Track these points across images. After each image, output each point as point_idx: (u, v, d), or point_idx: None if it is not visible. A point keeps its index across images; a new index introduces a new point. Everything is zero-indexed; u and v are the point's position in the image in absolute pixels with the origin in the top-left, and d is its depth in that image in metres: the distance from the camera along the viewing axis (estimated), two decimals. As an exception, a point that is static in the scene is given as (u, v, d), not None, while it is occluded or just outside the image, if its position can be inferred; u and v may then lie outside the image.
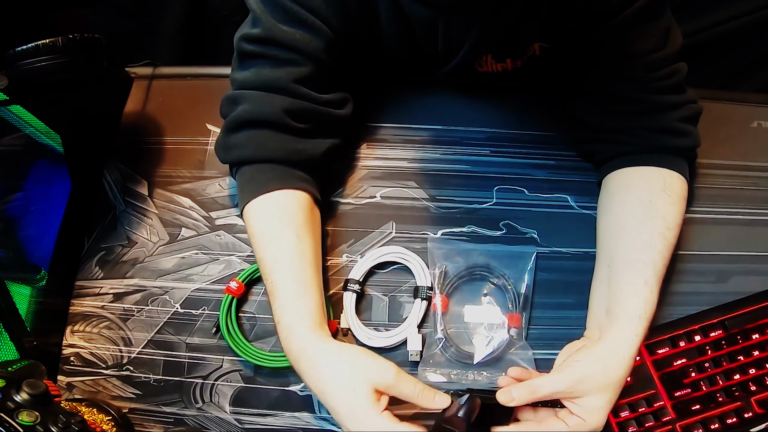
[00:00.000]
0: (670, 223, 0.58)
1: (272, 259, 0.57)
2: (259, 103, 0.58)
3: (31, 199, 0.67)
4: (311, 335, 0.53)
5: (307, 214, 0.60)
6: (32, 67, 0.52)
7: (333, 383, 0.51)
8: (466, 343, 0.62)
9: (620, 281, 0.57)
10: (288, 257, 0.57)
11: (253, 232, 0.59)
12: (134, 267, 0.66)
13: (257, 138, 0.59)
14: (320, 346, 0.53)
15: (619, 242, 0.59)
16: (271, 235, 0.58)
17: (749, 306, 0.62)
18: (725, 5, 0.91)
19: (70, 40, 0.53)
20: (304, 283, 0.56)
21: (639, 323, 0.54)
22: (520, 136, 0.71)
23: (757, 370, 0.59)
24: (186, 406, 0.61)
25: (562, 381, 0.52)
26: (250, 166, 0.60)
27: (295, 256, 0.57)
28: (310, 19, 0.57)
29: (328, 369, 0.51)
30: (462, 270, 0.64)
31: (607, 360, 0.53)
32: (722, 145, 0.72)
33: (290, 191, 0.59)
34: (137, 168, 0.71)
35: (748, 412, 0.58)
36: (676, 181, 0.60)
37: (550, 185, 0.69)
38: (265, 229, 0.58)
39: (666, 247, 0.58)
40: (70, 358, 0.63)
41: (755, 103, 0.75)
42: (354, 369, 0.51)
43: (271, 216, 0.59)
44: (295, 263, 0.57)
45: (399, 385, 0.51)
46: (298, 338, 0.53)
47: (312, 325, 0.54)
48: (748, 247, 0.67)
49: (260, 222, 0.59)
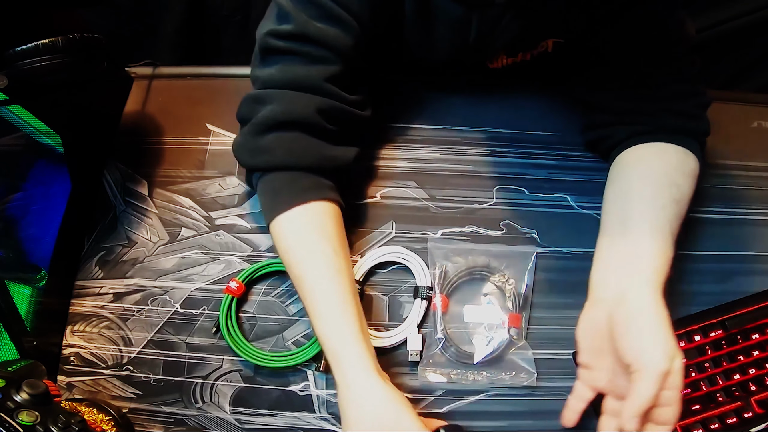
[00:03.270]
0: (684, 195, 0.59)
1: (312, 278, 0.55)
2: (290, 103, 0.55)
3: (31, 199, 0.67)
4: (359, 369, 0.52)
5: (340, 226, 0.59)
6: (32, 67, 0.52)
7: (367, 428, 0.50)
8: (466, 343, 0.62)
9: (638, 235, 0.56)
10: (328, 275, 0.55)
11: (287, 246, 0.57)
12: (134, 267, 0.66)
13: (288, 142, 0.56)
14: (367, 386, 0.51)
15: (633, 203, 0.58)
16: (308, 251, 0.56)
17: (749, 306, 0.62)
18: (725, 5, 0.91)
19: (70, 40, 0.53)
20: (345, 303, 0.54)
21: (662, 273, 0.54)
22: (520, 136, 0.71)
23: (757, 370, 0.59)
24: (186, 406, 0.61)
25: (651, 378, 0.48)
26: (280, 173, 0.57)
27: (334, 273, 0.55)
28: (342, 16, 0.55)
29: (368, 416, 0.50)
30: (462, 270, 0.64)
31: (652, 318, 0.51)
32: (722, 145, 0.72)
33: (324, 203, 0.58)
34: (137, 168, 0.71)
35: (748, 412, 0.58)
36: (690, 160, 0.61)
37: (550, 185, 0.69)
38: (303, 244, 0.56)
39: (678, 214, 0.58)
40: (70, 358, 0.63)
41: (755, 103, 0.75)
42: (395, 424, 0.50)
43: (307, 230, 0.56)
44: (335, 281, 0.55)
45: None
46: (344, 368, 0.52)
47: (358, 353, 0.52)
48: (748, 247, 0.67)
49: (297, 236, 0.56)
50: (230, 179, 0.70)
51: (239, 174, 0.70)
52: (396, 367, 0.62)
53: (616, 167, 0.64)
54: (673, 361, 0.49)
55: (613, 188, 0.62)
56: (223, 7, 0.97)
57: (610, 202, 0.61)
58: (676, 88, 0.61)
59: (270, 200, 0.58)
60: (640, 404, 0.48)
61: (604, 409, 0.53)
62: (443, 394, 0.61)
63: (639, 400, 0.48)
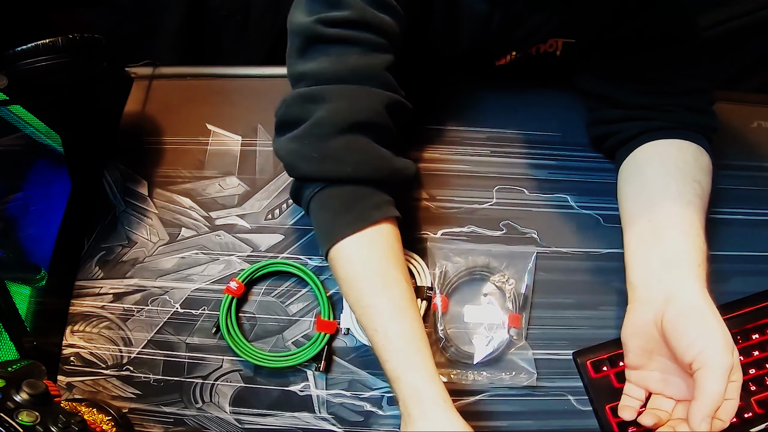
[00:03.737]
0: (705, 191, 0.59)
1: (388, 311, 0.50)
2: (355, 99, 0.50)
3: (31, 199, 0.67)
4: (445, 408, 0.49)
5: (401, 248, 0.54)
6: (32, 67, 0.52)
7: None
8: (466, 343, 0.62)
9: (672, 234, 0.54)
10: (404, 306, 0.51)
11: (356, 273, 0.51)
12: (134, 267, 0.66)
13: (360, 149, 0.50)
14: (450, 424, 0.48)
15: (659, 201, 0.57)
16: (383, 280, 0.51)
17: (749, 306, 0.62)
18: (725, 5, 0.91)
19: (70, 40, 0.53)
20: (423, 338, 0.51)
21: (704, 269, 0.53)
22: (520, 136, 0.71)
23: (757, 370, 0.59)
24: (186, 406, 0.61)
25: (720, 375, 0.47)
26: (347, 186, 0.51)
27: (409, 305, 0.51)
28: (391, 3, 0.52)
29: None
30: (462, 270, 0.64)
31: (707, 313, 0.50)
32: (722, 145, 0.71)
33: (392, 223, 0.53)
34: (137, 168, 0.71)
35: (748, 412, 0.58)
36: (704, 156, 0.61)
37: (550, 185, 0.69)
38: (378, 272, 0.51)
39: (703, 209, 0.57)
40: (70, 358, 0.63)
41: (755, 103, 0.75)
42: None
43: (380, 256, 0.51)
44: (410, 313, 0.51)
45: None
46: (427, 405, 0.49)
47: (441, 391, 0.49)
48: (748, 247, 0.67)
49: (370, 263, 0.51)
50: (230, 179, 0.70)
51: (239, 173, 0.70)
52: (396, 367, 0.62)
53: (630, 164, 0.63)
54: (733, 354, 0.48)
55: (633, 186, 0.61)
56: (223, 7, 0.97)
57: (630, 200, 0.60)
58: (690, 84, 0.62)
59: (334, 218, 0.51)
60: (713, 402, 0.46)
61: (650, 407, 0.52)
62: (443, 394, 0.61)
63: (711, 399, 0.46)
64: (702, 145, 0.61)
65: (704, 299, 0.51)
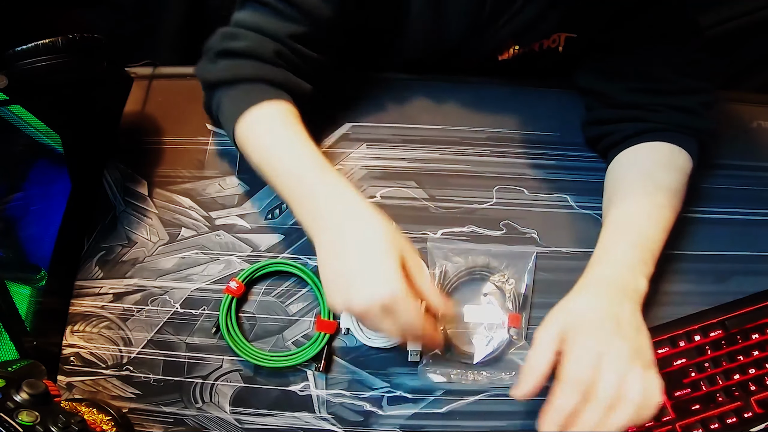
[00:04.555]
0: (670, 196, 0.60)
1: (293, 155, 0.57)
2: (255, 42, 0.60)
3: (31, 199, 0.67)
4: (355, 195, 0.54)
5: (301, 123, 0.61)
6: (32, 67, 0.52)
7: (376, 234, 0.52)
8: (466, 343, 0.62)
9: (605, 241, 0.59)
10: (309, 147, 0.57)
11: (259, 135, 0.59)
12: (134, 267, 0.66)
13: (258, 63, 0.61)
14: (364, 204, 0.54)
15: (614, 209, 0.61)
16: (284, 135, 0.58)
17: (749, 306, 0.62)
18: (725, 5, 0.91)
19: (70, 40, 0.53)
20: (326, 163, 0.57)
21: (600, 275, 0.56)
22: (520, 136, 0.71)
23: (756, 370, 0.59)
24: (186, 406, 0.61)
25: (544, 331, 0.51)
26: (245, 84, 0.61)
27: (314, 148, 0.58)
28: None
29: (372, 223, 0.52)
30: (462, 270, 0.64)
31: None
32: (722, 145, 0.72)
33: (286, 102, 0.61)
34: (137, 168, 0.71)
35: (747, 412, 0.58)
36: (682, 157, 0.62)
37: (549, 185, 0.69)
38: (275, 131, 0.59)
39: (664, 217, 0.59)
40: (70, 358, 0.63)
41: (755, 103, 0.75)
42: (395, 232, 0.53)
43: (281, 120, 0.59)
44: (312, 149, 0.57)
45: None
46: (339, 196, 0.54)
47: (350, 187, 0.55)
48: (748, 247, 0.67)
49: (268, 126, 0.59)
50: (230, 179, 0.70)
51: (239, 173, 0.70)
52: (396, 367, 0.62)
53: (611, 168, 0.66)
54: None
55: (606, 191, 0.65)
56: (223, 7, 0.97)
57: (604, 205, 0.64)
58: (688, 83, 0.63)
59: (234, 104, 0.60)
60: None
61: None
62: (443, 394, 0.61)
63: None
64: (682, 144, 0.62)
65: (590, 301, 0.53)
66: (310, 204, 0.55)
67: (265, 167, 0.59)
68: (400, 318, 0.49)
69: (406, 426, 0.59)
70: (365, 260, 0.51)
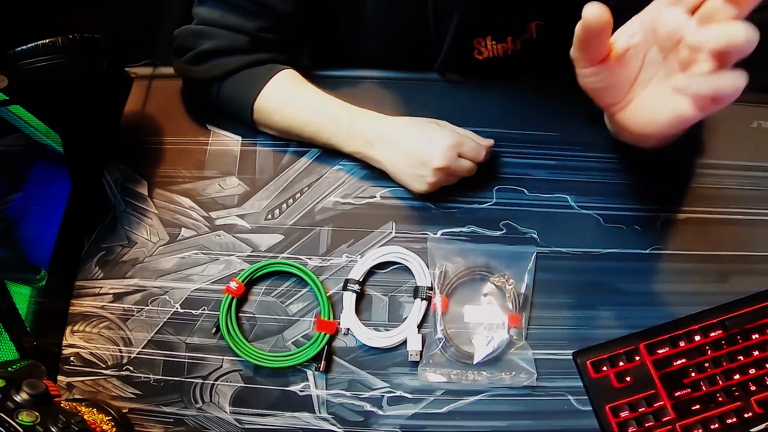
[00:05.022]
0: None
1: (315, 104, 0.66)
2: (230, 40, 0.64)
3: (31, 199, 0.67)
4: (376, 114, 0.66)
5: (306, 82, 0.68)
6: (32, 67, 0.52)
7: (412, 119, 0.65)
8: (466, 343, 0.62)
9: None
10: (325, 94, 0.67)
11: (280, 96, 0.66)
12: (134, 267, 0.66)
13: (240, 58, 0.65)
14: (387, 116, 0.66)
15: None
16: (301, 89, 0.67)
17: (749, 306, 0.62)
18: (725, 5, 0.91)
19: (70, 40, 0.53)
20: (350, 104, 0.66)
21: None
22: (520, 136, 0.71)
23: (757, 370, 0.59)
24: (186, 406, 0.61)
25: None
26: (236, 75, 0.66)
27: (327, 97, 0.67)
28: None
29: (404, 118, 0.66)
30: (462, 270, 0.64)
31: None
32: (722, 145, 0.72)
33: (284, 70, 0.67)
34: (137, 168, 0.71)
35: (748, 412, 0.58)
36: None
37: (550, 185, 0.69)
38: (292, 88, 0.67)
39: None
40: (70, 358, 0.63)
41: (755, 103, 0.74)
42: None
43: (291, 82, 0.67)
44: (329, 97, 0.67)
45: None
46: (370, 116, 0.65)
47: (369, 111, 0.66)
48: (748, 247, 0.67)
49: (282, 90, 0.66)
50: (230, 179, 0.70)
51: (239, 173, 0.70)
52: (396, 367, 0.62)
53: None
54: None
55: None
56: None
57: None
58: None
59: (245, 89, 0.66)
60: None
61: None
62: (443, 394, 0.61)
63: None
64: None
65: None
66: (355, 131, 0.65)
67: (298, 131, 0.67)
68: (467, 149, 0.63)
69: (406, 426, 0.59)
70: (422, 135, 0.63)
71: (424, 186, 0.64)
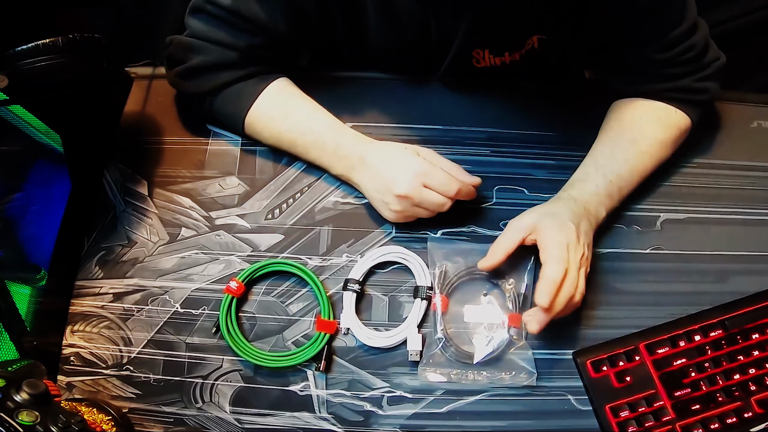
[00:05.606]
0: (655, 145, 0.65)
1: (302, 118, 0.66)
2: (220, 55, 0.64)
3: (31, 199, 0.67)
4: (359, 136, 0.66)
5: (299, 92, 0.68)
6: (32, 67, 0.52)
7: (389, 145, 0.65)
8: (466, 343, 0.62)
9: (583, 170, 0.65)
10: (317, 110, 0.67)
11: (268, 115, 0.66)
12: (134, 267, 0.66)
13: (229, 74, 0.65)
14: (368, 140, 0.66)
15: (600, 144, 0.66)
16: (290, 107, 0.66)
17: (749, 306, 0.62)
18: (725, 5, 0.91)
19: (70, 40, 0.53)
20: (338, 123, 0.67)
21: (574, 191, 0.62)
22: (520, 136, 0.71)
23: (757, 370, 0.59)
24: (186, 406, 0.61)
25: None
26: (226, 89, 0.66)
27: (320, 108, 0.67)
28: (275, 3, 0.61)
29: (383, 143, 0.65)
30: (462, 270, 0.64)
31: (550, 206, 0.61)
32: (722, 145, 0.72)
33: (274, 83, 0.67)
34: (137, 168, 0.71)
35: (747, 412, 0.58)
36: (677, 115, 0.66)
37: (550, 185, 0.69)
38: (280, 105, 0.66)
39: (641, 162, 0.65)
40: (70, 358, 0.63)
41: (755, 103, 0.75)
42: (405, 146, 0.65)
43: (279, 96, 0.66)
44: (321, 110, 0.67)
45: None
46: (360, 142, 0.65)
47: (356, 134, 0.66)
48: (748, 247, 0.67)
49: (272, 106, 0.66)
50: (230, 179, 0.70)
51: (239, 173, 0.70)
52: (396, 367, 0.62)
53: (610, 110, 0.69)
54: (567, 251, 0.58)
55: (601, 127, 0.69)
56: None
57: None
58: (673, 72, 0.64)
59: (235, 105, 0.66)
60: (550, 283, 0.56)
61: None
62: (443, 394, 0.61)
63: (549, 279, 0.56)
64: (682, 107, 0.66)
65: (558, 209, 0.61)
66: (340, 155, 0.65)
67: (286, 149, 0.68)
68: (435, 181, 0.60)
69: (406, 426, 0.59)
70: (392, 161, 0.63)
71: (390, 213, 0.64)
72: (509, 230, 0.61)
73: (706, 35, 0.63)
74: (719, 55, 0.65)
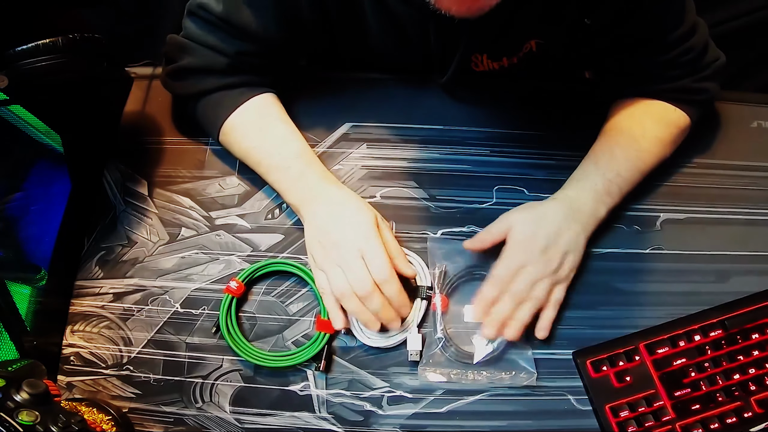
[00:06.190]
0: (656, 143, 0.65)
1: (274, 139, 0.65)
2: (209, 59, 0.64)
3: (31, 199, 0.67)
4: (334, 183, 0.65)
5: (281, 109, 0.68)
6: (32, 67, 0.52)
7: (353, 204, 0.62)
8: (466, 343, 0.62)
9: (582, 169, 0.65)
10: (292, 134, 0.66)
11: (242, 129, 0.65)
12: (134, 267, 0.66)
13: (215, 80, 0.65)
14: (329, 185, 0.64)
15: (600, 143, 0.67)
16: (265, 125, 0.66)
17: (749, 306, 0.62)
18: (725, 5, 0.91)
19: (70, 40, 0.53)
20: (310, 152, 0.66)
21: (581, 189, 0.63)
22: (520, 136, 0.71)
23: (756, 369, 0.59)
24: (186, 406, 0.61)
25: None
26: (208, 97, 0.65)
27: (296, 132, 0.66)
28: (267, 11, 0.60)
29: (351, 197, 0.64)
30: (462, 270, 0.64)
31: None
32: (722, 145, 0.72)
33: (263, 95, 0.67)
34: (137, 168, 0.71)
35: (747, 412, 0.58)
36: (676, 114, 0.66)
37: (550, 185, 0.68)
38: (255, 122, 0.66)
39: (641, 160, 0.65)
40: (70, 358, 0.63)
41: (755, 103, 0.75)
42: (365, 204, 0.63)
43: (257, 113, 0.66)
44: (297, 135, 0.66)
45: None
46: (324, 180, 0.64)
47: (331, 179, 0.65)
48: (748, 247, 0.67)
49: (248, 120, 0.65)
50: (230, 179, 0.70)
51: (239, 173, 0.70)
52: (396, 367, 0.62)
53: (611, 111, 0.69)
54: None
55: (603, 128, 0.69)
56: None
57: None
58: (672, 74, 0.64)
59: (213, 114, 0.66)
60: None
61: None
62: (443, 394, 0.61)
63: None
64: (681, 106, 0.66)
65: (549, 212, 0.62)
66: (300, 185, 0.64)
67: (252, 166, 0.67)
68: (371, 262, 0.58)
69: (406, 426, 0.59)
70: (344, 213, 0.61)
71: (313, 260, 0.62)
72: (500, 221, 0.63)
73: (705, 36, 0.63)
74: (719, 56, 0.65)
